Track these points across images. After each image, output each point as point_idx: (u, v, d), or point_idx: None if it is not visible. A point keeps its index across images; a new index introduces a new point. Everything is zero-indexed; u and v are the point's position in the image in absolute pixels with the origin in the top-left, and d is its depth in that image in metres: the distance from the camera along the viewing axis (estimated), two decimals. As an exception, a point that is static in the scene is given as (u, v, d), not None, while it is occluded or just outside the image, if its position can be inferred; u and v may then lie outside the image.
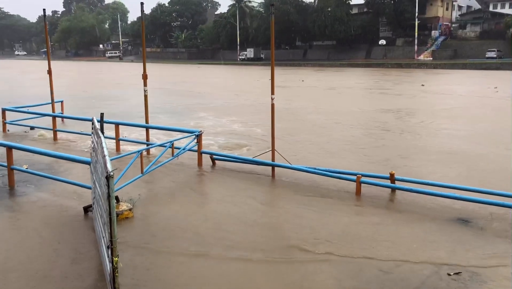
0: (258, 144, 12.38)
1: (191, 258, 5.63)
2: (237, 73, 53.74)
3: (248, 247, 5.94)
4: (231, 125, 15.71)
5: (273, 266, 5.47)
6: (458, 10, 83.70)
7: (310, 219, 6.95)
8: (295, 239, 6.20)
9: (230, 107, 20.83)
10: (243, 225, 6.70)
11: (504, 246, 5.90)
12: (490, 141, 12.78)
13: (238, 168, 9.81)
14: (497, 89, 27.68)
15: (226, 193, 8.29)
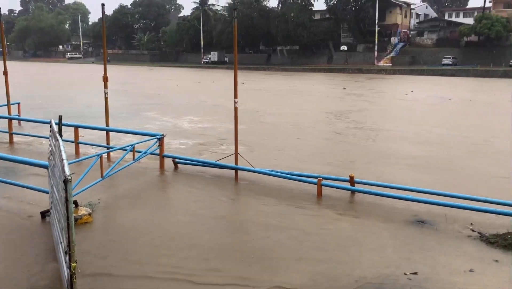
0: (220, 147, 12.38)
1: (143, 265, 5.56)
2: (200, 76, 53.50)
3: (210, 255, 5.93)
4: (194, 128, 15.63)
5: (234, 269, 5.48)
6: (416, 18, 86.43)
7: (272, 222, 7.00)
8: (257, 242, 6.23)
9: (191, 109, 20.72)
10: (203, 231, 6.65)
11: (457, 246, 6.13)
12: (447, 145, 13.24)
13: (201, 172, 9.78)
14: (451, 98, 28.70)
15: (188, 198, 8.25)
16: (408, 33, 79.70)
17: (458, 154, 12.14)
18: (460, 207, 7.19)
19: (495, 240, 6.17)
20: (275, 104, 24.05)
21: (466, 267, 5.53)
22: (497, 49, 66.21)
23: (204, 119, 17.75)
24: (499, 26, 64.46)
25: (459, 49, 70.42)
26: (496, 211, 6.99)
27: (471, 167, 10.76)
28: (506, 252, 5.91)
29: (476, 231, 6.61)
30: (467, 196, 7.54)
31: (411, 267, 5.48)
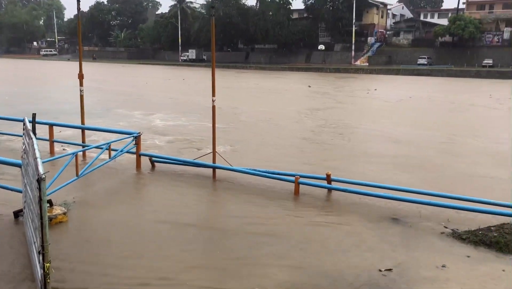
0: (198, 146, 12.33)
1: (117, 268, 5.51)
2: (177, 73, 53.11)
3: (187, 254, 5.91)
4: (171, 127, 15.52)
5: (212, 267, 5.48)
6: (393, 18, 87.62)
7: (249, 220, 7.02)
8: (235, 240, 6.24)
9: (167, 107, 20.57)
10: (179, 230, 6.61)
11: (431, 243, 6.26)
12: (421, 143, 13.48)
13: (178, 170, 9.72)
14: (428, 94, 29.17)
15: (165, 197, 8.19)
16: (384, 33, 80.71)
17: (429, 152, 12.36)
18: (434, 204, 7.33)
19: (466, 236, 6.33)
20: (252, 102, 24.08)
21: (439, 262, 5.65)
22: (470, 49, 67.66)
23: (181, 118, 17.65)
24: (472, 27, 65.88)
25: (434, 50, 71.67)
26: (467, 208, 7.16)
27: (443, 165, 10.97)
28: (477, 248, 6.07)
29: (449, 227, 6.75)
30: (440, 194, 7.71)
31: (386, 264, 5.57)
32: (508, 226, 6.42)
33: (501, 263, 5.66)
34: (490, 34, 70.04)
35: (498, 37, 69.43)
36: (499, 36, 69.43)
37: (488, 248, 6.05)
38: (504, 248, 5.97)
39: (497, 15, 73.72)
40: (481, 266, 5.59)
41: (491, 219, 6.87)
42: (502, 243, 6.02)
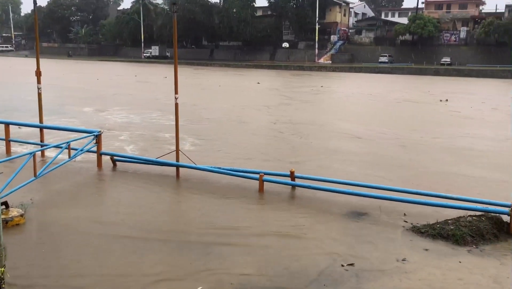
0: (161, 143, 12.16)
1: (75, 271, 5.39)
2: (140, 70, 52.27)
3: (149, 253, 5.83)
4: (133, 125, 15.25)
5: (176, 261, 5.43)
6: (355, 17, 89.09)
7: (213, 218, 6.99)
8: (199, 239, 6.20)
9: (129, 104, 20.23)
10: (139, 232, 6.50)
11: (391, 237, 6.41)
12: (383, 140, 13.77)
13: (140, 170, 9.57)
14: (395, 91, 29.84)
15: (126, 197, 8.04)
16: (347, 31, 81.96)
17: (388, 148, 12.64)
18: (393, 199, 7.51)
19: (425, 230, 6.51)
20: (215, 100, 23.97)
21: (399, 256, 5.79)
22: (429, 48, 69.65)
23: (144, 115, 17.37)
24: (431, 26, 67.82)
25: (395, 48, 73.37)
26: (426, 202, 7.36)
27: (403, 159, 11.25)
28: (435, 241, 6.26)
29: (409, 221, 6.93)
30: (399, 188, 7.91)
31: (348, 259, 5.66)
32: (464, 219, 6.64)
33: (458, 255, 5.86)
34: (448, 33, 72.36)
35: (455, 36, 71.80)
36: (456, 35, 71.82)
37: (445, 240, 6.25)
38: (460, 241, 6.18)
39: (454, 14, 76.24)
40: (439, 259, 5.76)
41: (448, 213, 7.08)
42: (458, 235, 6.23)
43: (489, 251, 6.01)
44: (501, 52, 64.69)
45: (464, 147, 13.02)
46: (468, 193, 8.09)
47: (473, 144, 13.47)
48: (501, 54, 63.95)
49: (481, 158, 11.64)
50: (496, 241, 6.31)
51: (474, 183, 9.34)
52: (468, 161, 11.33)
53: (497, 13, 75.33)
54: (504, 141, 14.16)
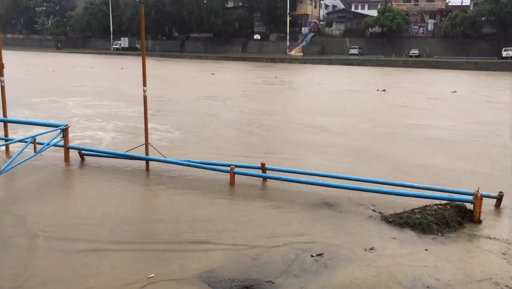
0: (130, 137, 11.99)
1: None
2: (108, 62, 51.33)
3: (118, 246, 5.76)
4: (102, 117, 14.97)
5: (145, 258, 5.38)
6: (325, 9, 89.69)
7: (183, 211, 6.95)
8: (168, 233, 6.15)
9: (99, 97, 19.85)
10: (107, 228, 6.40)
11: (360, 226, 6.52)
12: (353, 133, 13.95)
13: (109, 164, 9.41)
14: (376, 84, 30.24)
15: (94, 192, 7.90)
16: (318, 23, 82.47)
17: (357, 139, 12.83)
18: (362, 189, 7.64)
19: (393, 219, 6.65)
20: (185, 92, 23.76)
21: (368, 245, 5.90)
22: (398, 40, 70.82)
23: (113, 108, 17.09)
24: (399, 19, 68.96)
25: (365, 40, 74.28)
26: (393, 192, 7.51)
27: (371, 150, 11.43)
28: (402, 229, 6.39)
29: (377, 211, 7.06)
30: (368, 179, 8.05)
31: (317, 249, 5.73)
32: (430, 208, 6.81)
33: (424, 243, 6.01)
34: (416, 25, 73.71)
35: (423, 28, 73.19)
36: (424, 28, 73.22)
37: (412, 229, 6.39)
38: (427, 229, 6.33)
39: (422, 7, 77.67)
40: (406, 247, 5.89)
41: (415, 202, 7.24)
42: (424, 224, 6.38)
43: (453, 238, 6.19)
44: (467, 44, 66.37)
45: (420, 136, 13.30)
46: (433, 182, 8.30)
47: (424, 132, 13.79)
48: (467, 46, 65.63)
49: (437, 147, 11.93)
50: (460, 228, 6.50)
51: (438, 172, 9.56)
52: (429, 149, 11.59)
53: (462, 6, 77.16)
54: (453, 130, 14.56)
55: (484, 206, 6.86)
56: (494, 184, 8.47)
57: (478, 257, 5.66)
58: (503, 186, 8.29)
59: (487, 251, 5.81)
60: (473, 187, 7.32)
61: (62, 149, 9.47)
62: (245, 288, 4.80)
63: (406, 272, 5.22)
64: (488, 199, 7.17)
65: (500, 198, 7.29)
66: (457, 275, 5.15)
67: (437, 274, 5.17)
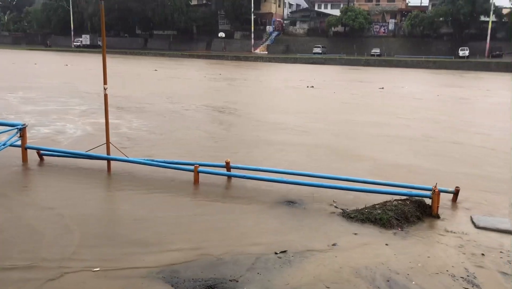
0: (92, 136, 11.72)
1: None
2: (70, 60, 50.03)
3: (79, 249, 5.63)
4: (64, 116, 14.58)
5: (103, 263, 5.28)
6: (289, 8, 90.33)
7: (144, 211, 6.86)
8: (128, 234, 6.06)
9: (60, 95, 19.32)
10: (63, 231, 6.24)
11: (322, 223, 6.60)
12: (318, 131, 14.12)
13: (69, 164, 9.17)
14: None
15: (53, 193, 7.66)
16: (282, 22, 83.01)
17: (321, 136, 13.01)
18: (324, 186, 7.73)
19: (354, 215, 6.77)
20: (147, 89, 23.46)
21: (330, 241, 5.98)
22: (360, 39, 72.17)
23: (74, 106, 16.66)
24: (361, 18, 70.32)
25: (328, 39, 75.34)
26: (355, 188, 7.65)
27: (333, 147, 11.61)
28: (364, 225, 6.52)
29: (339, 207, 7.18)
30: (330, 176, 8.15)
31: (281, 246, 5.77)
32: (390, 204, 6.97)
33: (384, 238, 6.15)
34: (378, 25, 75.34)
35: (384, 28, 74.92)
36: (385, 27, 74.95)
37: (373, 224, 6.53)
38: (387, 224, 6.48)
39: (383, 7, 79.39)
40: (367, 242, 6.01)
41: (376, 198, 7.39)
42: (385, 219, 6.53)
43: (413, 232, 6.36)
44: (426, 43, 68.34)
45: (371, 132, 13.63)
46: (394, 178, 8.51)
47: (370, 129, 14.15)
48: (426, 46, 67.59)
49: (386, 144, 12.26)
50: (419, 223, 6.68)
51: (398, 168, 9.80)
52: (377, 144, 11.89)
53: (421, 6, 79.34)
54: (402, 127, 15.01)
55: (442, 201, 7.09)
56: (451, 179, 8.76)
57: (436, 250, 5.84)
58: (459, 181, 8.58)
59: (444, 245, 6.00)
60: (431, 183, 7.54)
61: (19, 148, 9.16)
62: (209, 287, 4.78)
63: (367, 266, 5.33)
64: (446, 194, 7.41)
65: (457, 193, 7.54)
66: (416, 269, 5.30)
67: (397, 268, 5.31)
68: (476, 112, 20.36)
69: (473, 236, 6.29)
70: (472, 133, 14.59)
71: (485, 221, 6.78)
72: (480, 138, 13.58)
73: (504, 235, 6.37)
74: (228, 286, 4.82)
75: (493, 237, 6.27)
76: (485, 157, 11.24)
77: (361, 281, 5.01)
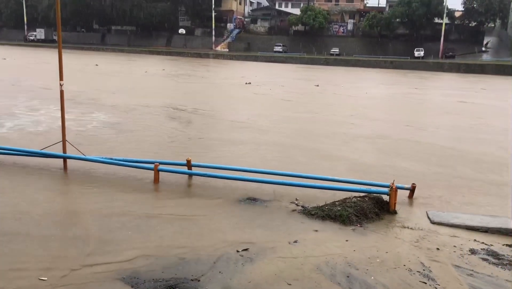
0: (47, 134, 11.33)
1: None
2: (21, 54, 48.20)
3: (39, 252, 5.43)
4: (16, 114, 14.03)
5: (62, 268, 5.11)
6: (250, 6, 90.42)
7: (103, 211, 6.69)
8: (88, 237, 5.90)
9: (12, 93, 18.57)
10: (27, 230, 6.03)
11: (284, 220, 6.64)
12: (279, 129, 14.21)
13: (22, 163, 8.83)
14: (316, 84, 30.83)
15: (5, 194, 7.37)
16: (243, 20, 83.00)
17: (282, 134, 13.11)
18: (285, 183, 7.79)
19: (315, 212, 6.85)
20: (105, 86, 22.93)
21: (291, 238, 6.03)
22: (320, 38, 73.16)
23: (26, 104, 16.05)
24: (321, 18, 71.25)
25: (288, 38, 75.92)
26: (315, 186, 7.75)
27: (295, 145, 11.72)
28: (324, 222, 6.61)
29: (300, 205, 7.25)
30: (291, 173, 8.23)
31: (243, 244, 5.77)
32: (350, 200, 7.10)
33: (344, 234, 6.25)
34: (337, 25, 76.61)
35: (343, 28, 76.25)
36: (344, 27, 76.30)
37: (333, 221, 6.63)
38: (347, 220, 6.59)
39: (342, 7, 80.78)
40: (328, 238, 6.10)
41: (336, 195, 7.52)
42: (344, 216, 6.65)
43: (371, 228, 6.50)
44: (383, 44, 70.10)
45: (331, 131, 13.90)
46: (352, 175, 8.67)
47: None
48: (383, 46, 69.32)
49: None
50: (377, 219, 6.84)
51: (356, 165, 10.00)
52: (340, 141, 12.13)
53: (379, 7, 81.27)
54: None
55: (399, 197, 7.28)
56: (407, 176, 9.00)
57: (394, 245, 5.99)
58: (415, 177, 8.83)
59: (401, 240, 6.17)
60: (389, 180, 7.73)
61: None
62: (170, 287, 4.72)
63: (327, 262, 5.40)
64: (403, 191, 7.62)
65: (413, 189, 7.76)
66: (374, 264, 5.42)
67: (356, 264, 5.41)
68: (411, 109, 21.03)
69: (428, 231, 6.49)
70: (418, 130, 15.02)
71: (440, 216, 7.01)
72: (426, 135, 14.01)
73: (457, 229, 6.61)
74: (190, 285, 4.77)
75: (447, 232, 6.50)
76: (437, 153, 11.62)
77: (322, 277, 5.08)
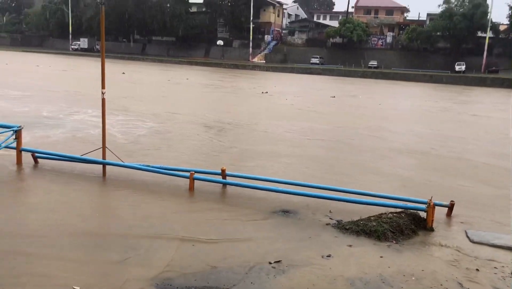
0: (89, 140, 11.68)
1: None
2: (71, 63, 49.98)
3: (73, 253, 5.58)
4: (60, 120, 14.53)
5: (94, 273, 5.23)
6: (288, 18, 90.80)
7: (139, 217, 6.82)
8: (125, 242, 6.02)
9: (58, 99, 19.27)
10: (63, 234, 6.20)
11: (317, 234, 6.58)
12: (310, 141, 14.13)
13: (64, 167, 9.13)
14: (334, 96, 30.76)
15: (47, 196, 7.63)
16: (280, 32, 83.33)
17: (319, 148, 13.02)
18: (320, 196, 7.72)
19: (349, 227, 6.76)
20: (147, 95, 23.44)
21: (324, 252, 5.97)
22: (358, 51, 72.49)
23: (72, 110, 16.61)
24: (360, 30, 70.65)
25: (326, 50, 75.59)
26: (350, 200, 7.65)
27: (332, 158, 11.62)
28: (359, 237, 6.51)
29: (334, 219, 7.16)
30: (326, 186, 8.15)
31: (276, 256, 5.75)
32: (385, 216, 6.97)
33: (379, 250, 6.13)
34: (375, 37, 75.74)
35: (382, 40, 75.31)
36: (383, 40, 75.35)
37: (368, 237, 6.52)
38: (382, 236, 6.47)
39: (381, 20, 79.90)
40: (362, 254, 6.00)
41: (371, 210, 7.38)
42: (380, 231, 6.52)
43: (407, 245, 6.35)
44: (423, 57, 68.74)
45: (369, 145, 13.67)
46: (389, 190, 8.51)
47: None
48: (423, 59, 67.96)
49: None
50: (414, 236, 6.68)
51: (394, 181, 9.82)
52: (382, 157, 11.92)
53: (419, 20, 79.94)
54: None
55: (437, 214, 7.08)
56: (445, 193, 8.76)
57: (430, 264, 5.83)
58: (454, 195, 8.58)
59: (438, 259, 6.00)
60: (427, 196, 7.54)
61: (15, 151, 9.11)
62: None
63: (361, 278, 5.31)
64: (441, 208, 7.41)
65: (452, 207, 7.55)
66: (410, 282, 5.29)
67: (390, 281, 5.29)
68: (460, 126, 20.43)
69: (467, 251, 6.28)
70: (459, 144, 14.61)
71: (480, 236, 6.78)
72: (468, 151, 13.61)
73: (498, 250, 6.37)
74: (222, 295, 4.79)
75: (488, 253, 6.27)
76: (480, 170, 11.27)
77: (355, 293, 4.99)
